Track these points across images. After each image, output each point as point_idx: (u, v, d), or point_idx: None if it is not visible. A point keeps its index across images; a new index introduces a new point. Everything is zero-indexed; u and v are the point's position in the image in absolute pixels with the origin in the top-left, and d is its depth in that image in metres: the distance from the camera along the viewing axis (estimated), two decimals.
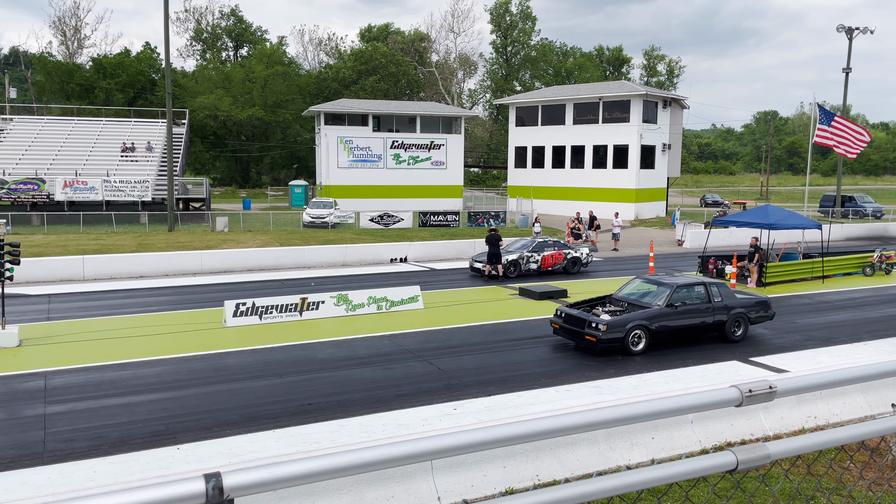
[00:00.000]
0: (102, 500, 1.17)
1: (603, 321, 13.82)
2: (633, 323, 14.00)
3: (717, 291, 15.21)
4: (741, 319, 15.30)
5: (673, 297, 14.57)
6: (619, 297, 15.47)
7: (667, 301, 14.47)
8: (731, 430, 9.34)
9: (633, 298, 15.13)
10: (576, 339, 14.45)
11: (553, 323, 15.09)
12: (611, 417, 1.86)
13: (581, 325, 14.16)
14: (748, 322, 15.42)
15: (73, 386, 11.98)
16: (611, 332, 13.77)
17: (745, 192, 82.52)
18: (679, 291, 14.73)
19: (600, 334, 13.73)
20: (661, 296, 14.68)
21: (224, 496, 1.28)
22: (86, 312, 17.97)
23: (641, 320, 14.10)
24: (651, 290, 15.13)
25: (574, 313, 14.52)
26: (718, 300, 15.06)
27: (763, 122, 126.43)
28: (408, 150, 50.92)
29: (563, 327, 14.71)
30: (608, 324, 13.77)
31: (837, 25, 45.19)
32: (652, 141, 46.88)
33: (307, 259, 27.01)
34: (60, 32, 78.54)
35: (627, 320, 13.99)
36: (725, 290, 15.51)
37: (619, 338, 13.87)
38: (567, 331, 14.62)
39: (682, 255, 30.52)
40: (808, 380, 2.08)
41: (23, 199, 37.46)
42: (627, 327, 13.92)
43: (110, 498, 1.17)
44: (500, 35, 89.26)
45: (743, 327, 15.35)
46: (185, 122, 49.42)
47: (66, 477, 8.34)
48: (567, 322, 14.59)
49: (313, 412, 10.73)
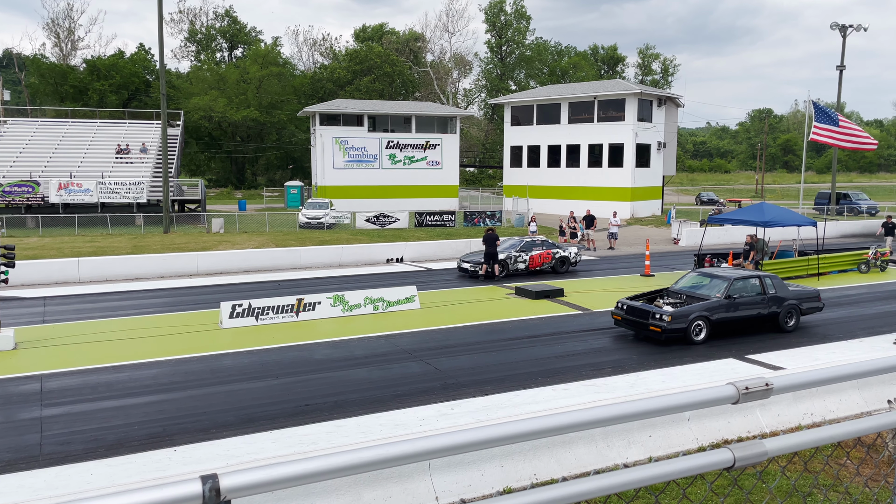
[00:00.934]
0: (100, 503, 1.16)
1: (667, 312, 14.44)
2: (695, 314, 14.65)
3: (771, 283, 15.93)
4: (793, 311, 16.05)
5: (731, 289, 15.23)
6: (676, 289, 16.12)
7: (725, 293, 15.13)
8: (727, 428, 9.36)
9: (691, 291, 15.79)
10: (639, 329, 15.06)
11: (614, 315, 15.71)
12: (608, 415, 1.86)
13: (645, 316, 14.78)
14: (800, 313, 16.20)
15: (68, 389, 11.95)
16: (675, 323, 14.40)
17: (740, 190, 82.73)
18: (736, 283, 15.42)
19: (665, 325, 14.35)
20: (719, 288, 15.37)
21: (221, 498, 1.28)
22: (81, 315, 17.92)
23: (702, 311, 14.75)
24: (708, 282, 15.82)
25: (637, 305, 15.13)
26: (773, 292, 15.81)
27: (758, 120, 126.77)
28: (403, 151, 50.90)
29: (625, 318, 15.34)
30: (672, 315, 14.40)
31: (831, 23, 45.38)
32: (647, 140, 46.95)
33: (303, 260, 26.98)
34: (54, 34, 78.29)
35: (690, 311, 14.65)
36: (778, 282, 16.21)
37: (683, 328, 14.51)
38: (629, 322, 15.23)
39: (678, 254, 30.56)
40: (804, 377, 2.09)
41: (17, 201, 37.34)
42: (690, 318, 14.56)
43: (108, 500, 1.17)
44: (495, 34, 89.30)
45: (795, 318, 16.09)
46: (179, 124, 49.33)
47: (62, 480, 8.32)
48: (630, 314, 15.21)
49: (310, 413, 10.71)
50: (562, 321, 17.29)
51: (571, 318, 17.60)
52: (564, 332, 16.09)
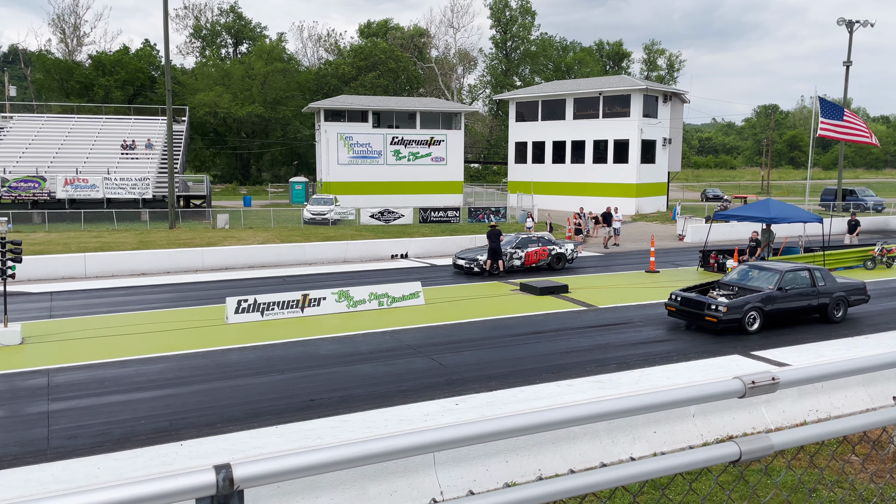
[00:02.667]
0: (116, 492, 1.18)
1: (723, 303, 14.94)
2: (750, 305, 15.13)
3: (821, 276, 16.37)
4: (841, 302, 16.50)
5: (783, 280, 15.68)
6: (728, 281, 16.57)
7: (778, 284, 15.61)
8: (732, 424, 9.36)
9: (742, 283, 16.21)
10: (694, 320, 15.53)
11: (668, 306, 16.17)
12: (615, 409, 1.87)
13: (700, 307, 15.24)
14: (847, 304, 16.63)
15: (75, 383, 12.01)
16: (731, 314, 14.88)
17: (745, 187, 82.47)
18: (787, 276, 15.87)
19: (721, 315, 14.83)
20: (771, 280, 15.82)
21: (234, 487, 1.30)
22: (88, 310, 18.00)
23: (757, 302, 15.22)
24: (760, 275, 16.21)
25: (692, 296, 15.60)
26: (822, 284, 16.23)
27: (764, 116, 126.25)
28: (408, 147, 50.89)
29: (679, 310, 15.83)
30: (728, 305, 14.88)
31: (838, 19, 45.13)
32: (652, 135, 46.83)
33: (308, 256, 27.02)
34: (59, 30, 78.46)
35: (745, 302, 15.11)
36: (827, 274, 16.65)
37: (738, 318, 14.97)
38: (684, 313, 15.71)
39: (683, 250, 30.51)
40: (810, 371, 2.10)
41: (24, 197, 37.48)
42: (745, 309, 15.04)
43: (124, 489, 1.19)
44: (500, 30, 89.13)
45: (843, 309, 16.53)
46: (185, 120, 49.39)
47: (69, 473, 8.38)
48: (685, 305, 15.66)
49: (315, 408, 10.75)
50: (566, 317, 17.29)
51: (576, 315, 17.60)
52: (569, 329, 16.09)
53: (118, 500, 1.17)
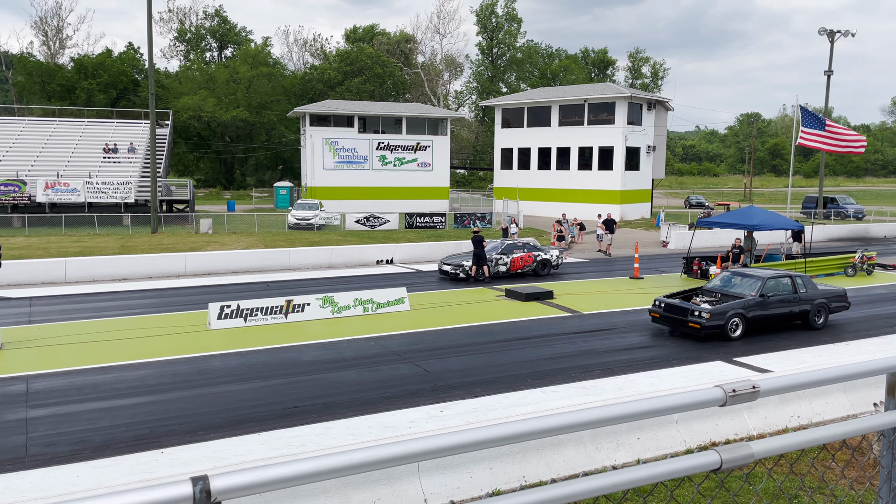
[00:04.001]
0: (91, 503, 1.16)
1: (706, 309, 15.02)
2: (732, 311, 15.22)
3: (802, 283, 16.50)
4: (822, 309, 16.69)
5: (765, 287, 15.78)
6: (711, 288, 16.68)
7: (759, 291, 15.71)
8: (715, 430, 9.41)
9: (725, 289, 16.33)
10: (678, 326, 15.60)
11: (652, 312, 16.19)
12: (598, 417, 1.87)
13: (683, 313, 15.31)
14: (828, 311, 16.81)
15: (55, 390, 11.85)
16: (713, 320, 14.97)
17: (728, 194, 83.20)
18: (769, 283, 15.99)
19: (704, 321, 14.92)
20: (753, 287, 15.91)
21: (212, 499, 1.28)
22: (68, 315, 17.78)
23: (739, 309, 15.32)
24: (742, 281, 16.33)
25: (675, 303, 15.67)
26: (803, 291, 16.39)
27: (746, 124, 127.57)
28: (394, 152, 50.88)
29: (663, 315, 15.88)
30: (711, 312, 14.97)
31: (819, 28, 45.73)
32: (637, 143, 47.16)
33: (292, 261, 26.90)
34: (42, 32, 77.72)
35: (727, 309, 15.20)
36: (808, 281, 16.79)
37: (720, 325, 15.08)
38: (668, 319, 15.77)
39: (667, 256, 30.71)
40: (791, 379, 2.11)
41: (3, 200, 37.01)
42: (727, 315, 15.14)
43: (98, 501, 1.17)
44: (486, 37, 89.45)
45: (824, 316, 16.74)
46: (168, 123, 49.07)
47: (48, 482, 8.25)
48: (668, 311, 15.71)
49: (299, 415, 10.68)
50: (551, 323, 17.33)
51: (561, 321, 17.65)
52: (554, 335, 16.13)
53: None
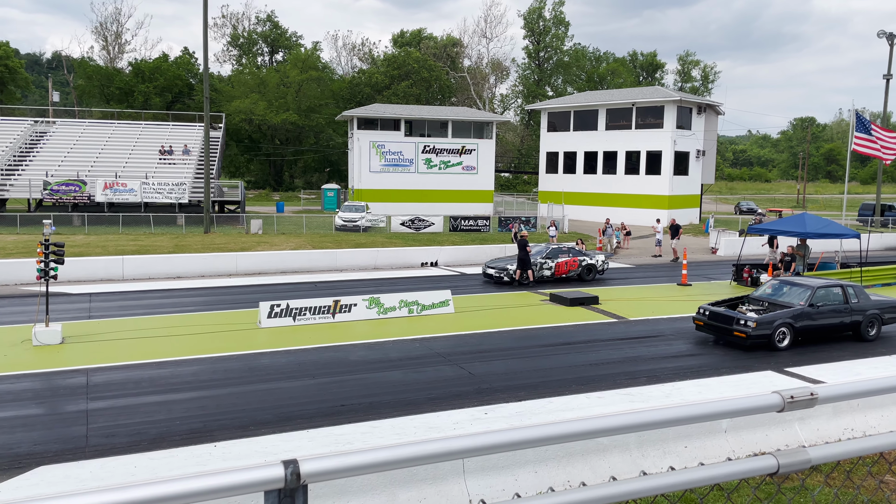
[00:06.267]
0: (192, 483, 1.27)
1: (752, 318, 14.68)
2: (780, 321, 14.84)
3: (854, 293, 15.96)
4: (875, 320, 16.10)
5: (814, 297, 15.33)
6: (758, 296, 16.25)
7: (809, 301, 15.27)
8: (765, 441, 9.23)
9: (773, 298, 15.89)
10: (722, 335, 15.29)
11: (696, 320, 15.89)
12: (650, 420, 1.91)
13: (729, 321, 14.97)
14: (882, 322, 16.22)
15: (113, 383, 12.30)
16: (759, 329, 14.59)
17: (780, 200, 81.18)
18: (819, 292, 15.51)
19: (750, 330, 14.54)
20: (803, 296, 15.48)
21: (300, 481, 1.38)
22: (125, 311, 18.41)
23: (787, 318, 14.91)
24: (791, 290, 15.90)
25: (721, 311, 15.33)
26: (855, 301, 15.84)
27: (800, 129, 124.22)
28: (439, 155, 51.12)
29: (707, 324, 15.56)
30: (757, 321, 14.59)
31: (878, 31, 44.34)
32: (686, 147, 46.41)
33: (339, 262, 27.29)
34: (102, 37, 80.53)
35: (775, 318, 14.84)
36: (861, 291, 16.24)
37: (767, 334, 14.68)
38: (713, 327, 15.45)
39: (715, 263, 30.15)
40: (848, 388, 2.12)
41: (64, 200, 38.47)
42: (774, 325, 14.74)
43: (199, 481, 1.28)
44: (533, 40, 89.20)
45: (876, 328, 16.13)
46: (221, 126, 50.27)
47: (107, 471, 8.57)
48: (713, 319, 15.40)
49: (346, 413, 10.87)
50: (597, 329, 17.22)
51: (607, 326, 17.51)
52: (599, 340, 16.02)
53: (195, 490, 1.26)
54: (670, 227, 31.35)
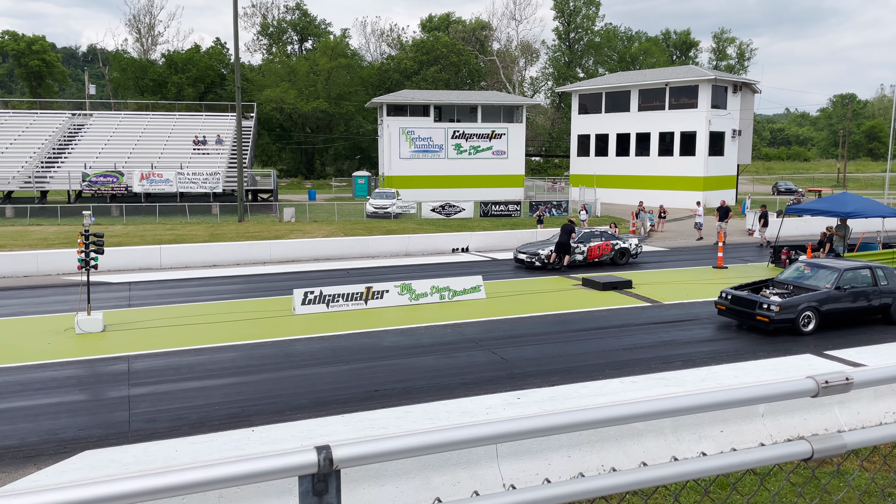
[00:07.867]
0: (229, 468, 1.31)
1: (776, 302, 14.34)
2: (804, 304, 14.47)
3: (883, 275, 15.45)
4: None
5: (841, 279, 14.89)
6: (783, 279, 15.86)
7: (835, 284, 14.82)
8: (803, 425, 9.10)
9: (798, 281, 15.48)
10: (745, 319, 14.94)
11: (718, 304, 15.56)
12: (685, 405, 1.91)
13: (752, 306, 14.63)
14: None
15: (153, 369, 12.61)
16: (783, 313, 14.25)
17: (820, 179, 79.30)
18: (846, 274, 15.07)
19: (773, 315, 14.20)
20: (829, 279, 15.05)
21: (333, 467, 1.42)
22: (164, 299, 18.81)
23: (811, 302, 14.52)
24: (817, 273, 15.47)
25: (743, 295, 14.98)
26: (884, 283, 15.36)
27: (840, 106, 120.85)
28: (469, 140, 50.97)
29: (729, 308, 15.24)
30: (781, 305, 14.26)
31: None
32: (721, 127, 45.53)
33: (371, 249, 27.47)
34: (135, 30, 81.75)
35: (799, 302, 14.47)
36: (891, 273, 15.66)
37: (791, 318, 14.33)
38: (735, 312, 15.12)
39: (752, 245, 29.63)
40: (886, 372, 2.08)
41: (103, 191, 39.33)
42: (799, 308, 14.37)
43: (235, 466, 1.32)
44: (563, 21, 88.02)
45: None
46: (253, 116, 50.78)
47: (150, 455, 8.81)
48: (735, 303, 15.06)
49: (379, 398, 10.99)
50: (630, 313, 17.09)
51: (640, 311, 17.37)
52: (633, 325, 15.90)
53: (231, 475, 1.30)
54: (718, 209, 30.58)
